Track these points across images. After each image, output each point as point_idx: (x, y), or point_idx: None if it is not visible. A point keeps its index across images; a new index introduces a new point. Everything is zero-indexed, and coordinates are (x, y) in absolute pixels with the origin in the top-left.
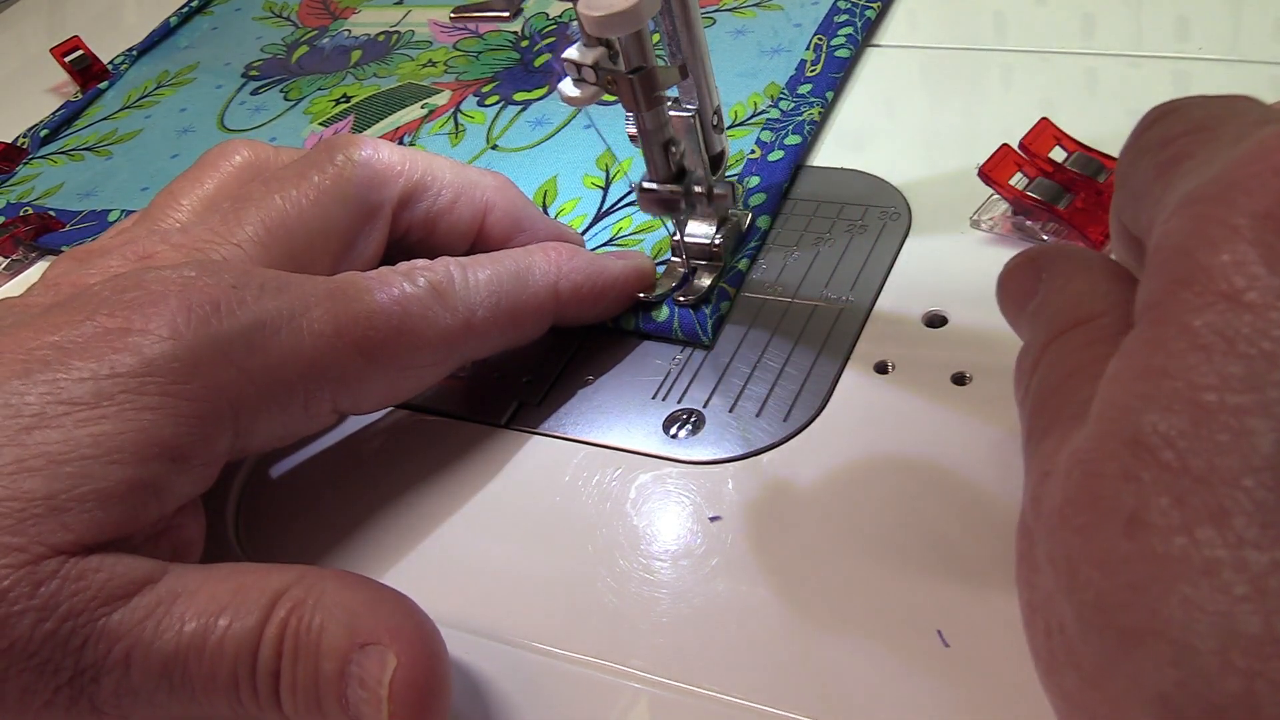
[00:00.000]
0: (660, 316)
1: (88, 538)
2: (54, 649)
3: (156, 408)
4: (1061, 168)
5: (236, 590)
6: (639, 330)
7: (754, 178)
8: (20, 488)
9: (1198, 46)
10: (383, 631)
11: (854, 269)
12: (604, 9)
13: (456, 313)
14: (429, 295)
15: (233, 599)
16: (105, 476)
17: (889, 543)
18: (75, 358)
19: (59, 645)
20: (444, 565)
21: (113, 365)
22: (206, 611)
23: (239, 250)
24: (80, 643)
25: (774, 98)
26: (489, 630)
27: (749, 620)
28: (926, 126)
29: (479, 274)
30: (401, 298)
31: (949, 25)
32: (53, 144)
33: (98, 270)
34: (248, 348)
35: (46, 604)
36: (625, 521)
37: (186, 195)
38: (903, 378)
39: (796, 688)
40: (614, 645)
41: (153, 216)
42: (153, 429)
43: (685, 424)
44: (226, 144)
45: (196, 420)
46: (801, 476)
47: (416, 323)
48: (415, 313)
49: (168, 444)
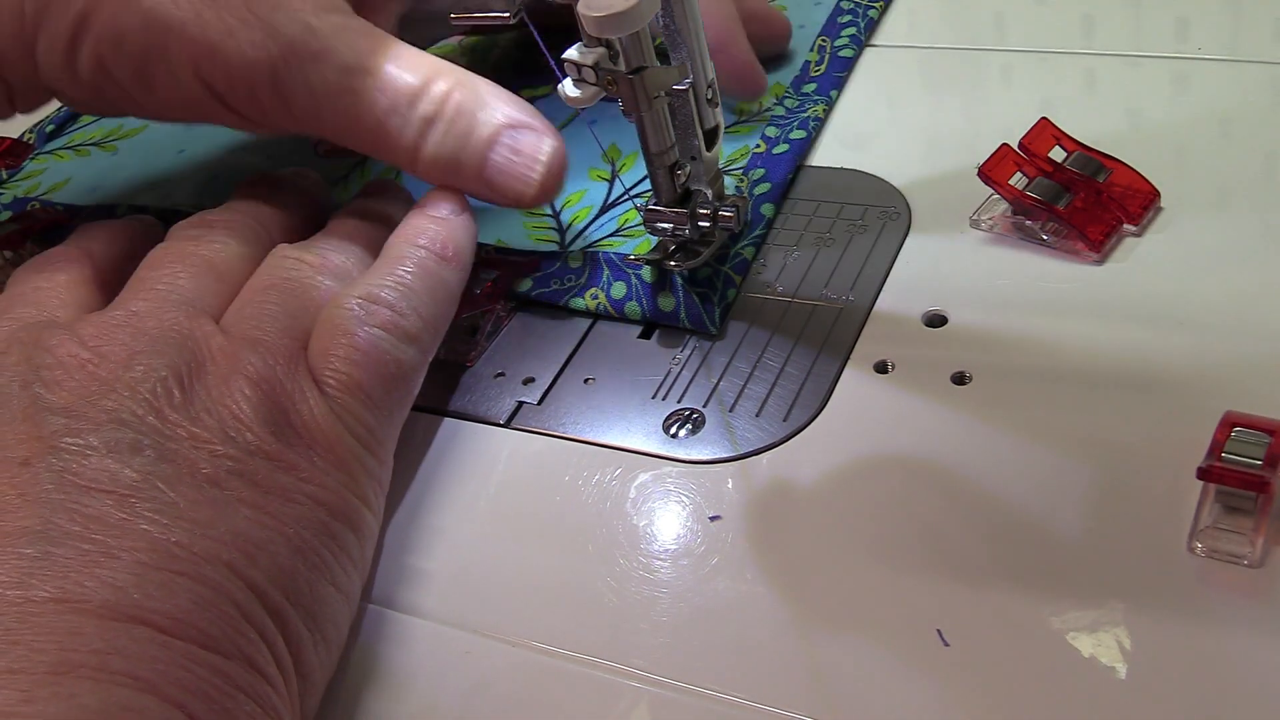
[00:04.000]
0: (666, 305)
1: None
2: (275, 15)
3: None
4: (1061, 167)
5: (407, 51)
6: (644, 319)
7: (759, 169)
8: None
9: (1197, 46)
10: (534, 121)
11: (854, 269)
12: (604, 9)
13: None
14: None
15: (405, 53)
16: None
17: (889, 542)
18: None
19: (279, 13)
20: (444, 565)
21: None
22: (384, 53)
23: None
24: (292, 23)
25: (779, 96)
26: (489, 630)
27: (749, 620)
28: (926, 126)
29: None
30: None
31: (949, 25)
32: (59, 139)
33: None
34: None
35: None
36: (625, 521)
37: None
38: (903, 378)
39: (796, 688)
40: (614, 645)
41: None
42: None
43: (685, 424)
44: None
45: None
46: (801, 476)
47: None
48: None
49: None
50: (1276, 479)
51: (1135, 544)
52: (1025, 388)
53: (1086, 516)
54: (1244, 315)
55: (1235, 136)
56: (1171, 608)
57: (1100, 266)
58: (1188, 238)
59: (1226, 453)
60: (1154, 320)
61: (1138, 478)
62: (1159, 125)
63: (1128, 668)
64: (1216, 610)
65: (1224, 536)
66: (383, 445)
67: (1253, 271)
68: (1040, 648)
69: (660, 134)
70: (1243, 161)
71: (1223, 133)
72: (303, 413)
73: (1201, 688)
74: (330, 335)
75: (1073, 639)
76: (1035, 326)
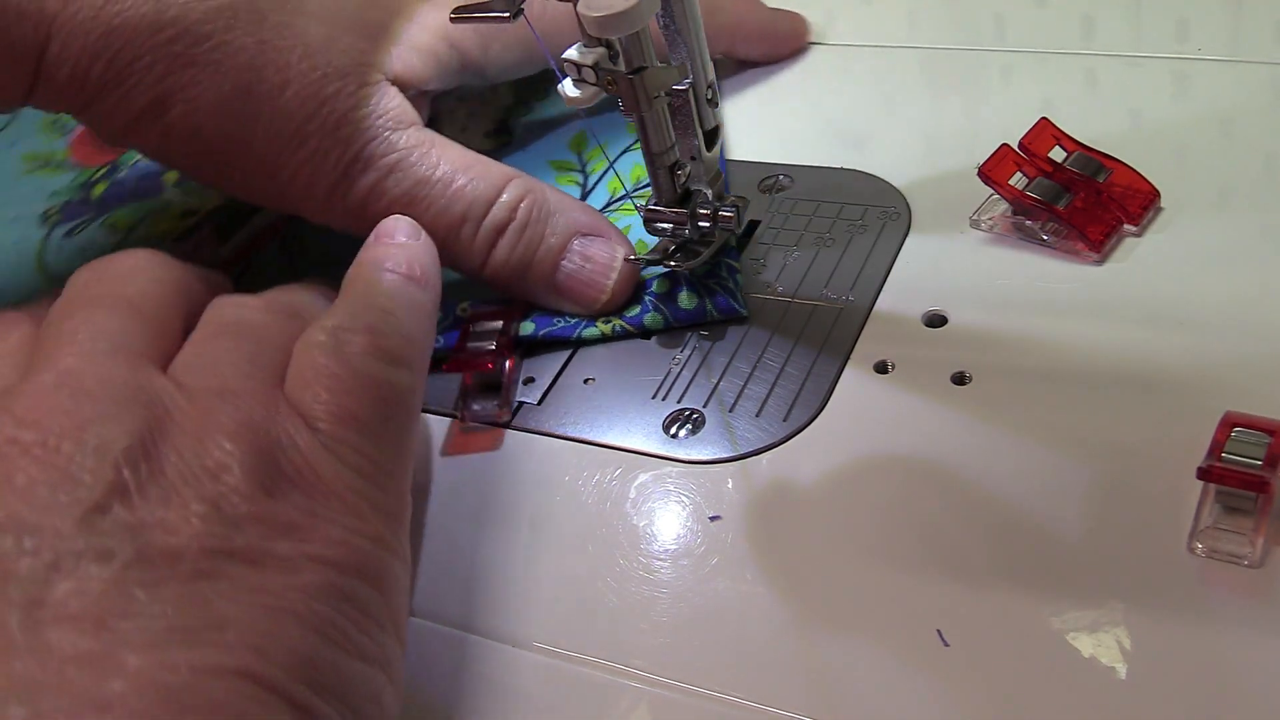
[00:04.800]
0: (690, 304)
1: (399, 70)
2: (352, 132)
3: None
4: (1061, 168)
5: (477, 160)
6: (669, 325)
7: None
8: (370, 17)
9: (1197, 47)
10: (605, 228)
11: (854, 269)
12: (604, 9)
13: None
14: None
15: (476, 163)
16: (419, 38)
17: (889, 542)
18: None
19: (357, 132)
20: (444, 565)
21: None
22: (455, 163)
23: None
24: (369, 139)
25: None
26: (489, 630)
27: (749, 620)
28: (926, 126)
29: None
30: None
31: (949, 25)
32: None
33: None
34: None
35: (363, 100)
36: (625, 521)
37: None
38: (903, 378)
39: (796, 688)
40: (614, 645)
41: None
42: (446, 20)
43: (685, 424)
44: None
45: (468, 25)
46: (801, 476)
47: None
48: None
49: (450, 33)
50: (1276, 479)
51: (1135, 544)
52: (1025, 388)
53: (1086, 516)
54: (1244, 315)
55: (1235, 136)
56: (1171, 608)
57: (1100, 266)
58: (1188, 238)
59: (1226, 453)
60: (1154, 320)
61: (1138, 478)
62: (1159, 125)
63: (1128, 668)
64: (1216, 610)
65: (1224, 537)
66: (391, 476)
67: (1253, 272)
68: (1040, 648)
69: (660, 134)
70: (1243, 161)
71: (1223, 133)
72: (292, 456)
73: (1201, 688)
74: (309, 367)
75: (1073, 639)
76: (1035, 326)
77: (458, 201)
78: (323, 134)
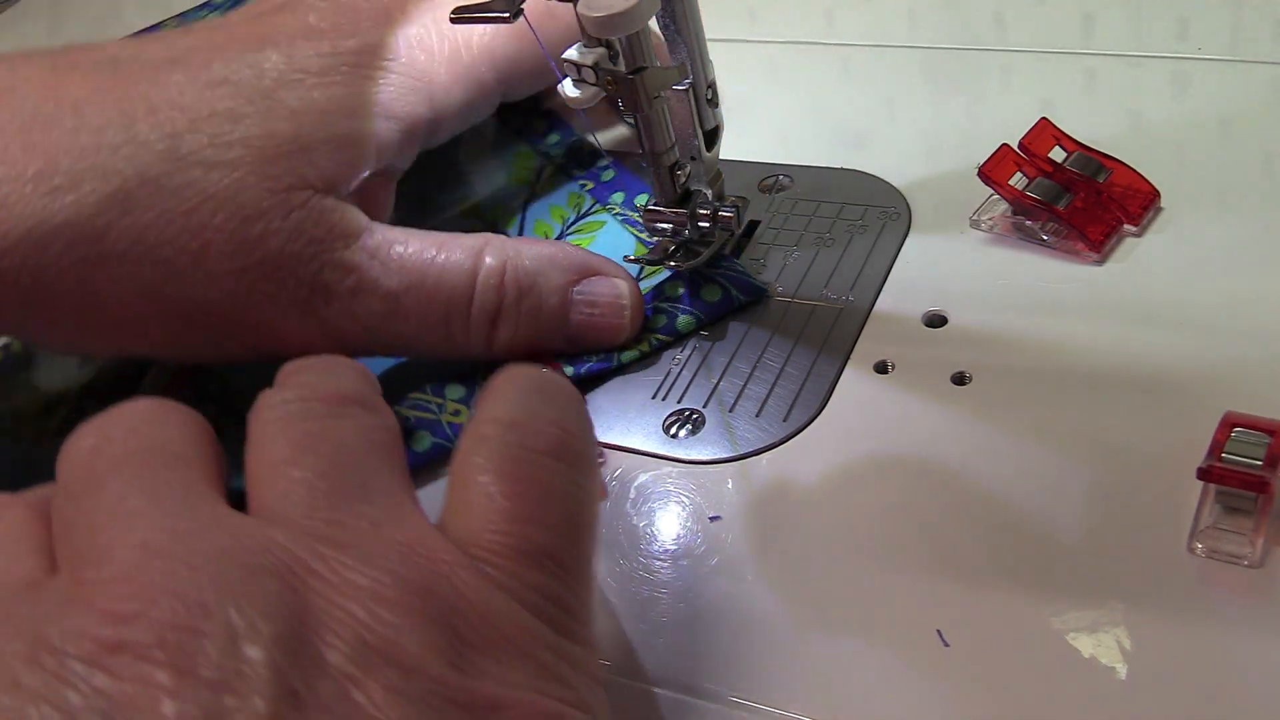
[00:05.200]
0: (713, 296)
1: (328, 173)
2: (296, 267)
3: (372, 78)
4: (1061, 168)
5: (440, 243)
6: (700, 324)
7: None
8: (273, 129)
9: (1197, 47)
10: (593, 263)
11: (854, 269)
12: (604, 10)
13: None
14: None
15: (440, 248)
16: (339, 126)
17: (889, 543)
18: (300, 39)
19: (301, 264)
20: None
21: (334, 45)
22: (419, 260)
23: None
24: (318, 268)
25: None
26: None
27: (749, 620)
28: (926, 126)
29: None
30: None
31: (949, 25)
32: None
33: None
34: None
35: (295, 228)
36: (625, 521)
37: None
38: (903, 378)
39: (796, 688)
40: (614, 645)
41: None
42: (373, 92)
43: (685, 424)
44: None
45: (406, 89)
46: (801, 476)
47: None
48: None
49: (385, 104)
50: (1276, 479)
51: (1135, 544)
52: (1025, 388)
53: (1086, 516)
54: (1244, 315)
55: (1235, 136)
56: (1171, 608)
57: (1100, 267)
58: (1188, 238)
59: (1226, 453)
60: (1154, 320)
61: (1138, 478)
62: (1159, 125)
63: (1128, 668)
64: (1216, 610)
65: (1224, 537)
66: (584, 625)
67: (1253, 272)
68: (1040, 648)
69: (660, 134)
70: (1243, 161)
71: (1223, 133)
72: (468, 614)
73: (1201, 688)
74: (471, 485)
75: (1073, 639)
76: (1035, 327)
77: (436, 303)
78: (266, 279)
